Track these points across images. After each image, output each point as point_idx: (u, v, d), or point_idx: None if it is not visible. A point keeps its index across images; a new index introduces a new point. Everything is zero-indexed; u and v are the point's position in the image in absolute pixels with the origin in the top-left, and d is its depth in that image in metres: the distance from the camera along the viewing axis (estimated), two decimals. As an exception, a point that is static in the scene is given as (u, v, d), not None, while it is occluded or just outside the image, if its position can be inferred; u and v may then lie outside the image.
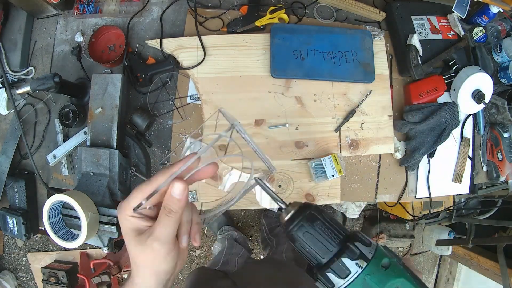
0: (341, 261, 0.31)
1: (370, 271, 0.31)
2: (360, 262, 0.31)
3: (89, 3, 0.88)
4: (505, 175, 0.93)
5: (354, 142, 0.86)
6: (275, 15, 0.87)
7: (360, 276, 0.31)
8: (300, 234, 0.33)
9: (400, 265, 0.32)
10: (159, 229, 0.33)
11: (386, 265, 0.31)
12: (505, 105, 0.88)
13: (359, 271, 0.31)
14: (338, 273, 0.31)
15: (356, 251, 0.32)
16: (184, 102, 0.86)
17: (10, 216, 0.83)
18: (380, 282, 0.31)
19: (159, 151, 0.85)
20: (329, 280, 0.32)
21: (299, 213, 0.33)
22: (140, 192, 0.34)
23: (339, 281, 0.31)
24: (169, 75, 0.86)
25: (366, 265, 0.31)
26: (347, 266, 0.31)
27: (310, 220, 0.33)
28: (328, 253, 0.32)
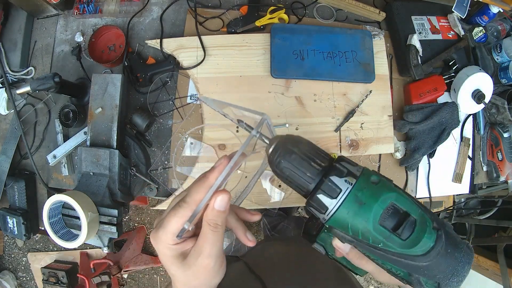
0: (329, 180, 0.30)
1: (361, 186, 0.30)
2: (349, 179, 0.30)
3: (89, 3, 0.88)
4: (505, 175, 0.93)
5: (354, 142, 0.86)
6: (275, 15, 0.87)
7: (351, 192, 0.30)
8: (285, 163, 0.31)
9: (391, 183, 0.31)
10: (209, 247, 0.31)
11: (376, 181, 0.30)
12: (505, 105, 0.88)
13: (349, 187, 0.30)
14: (328, 193, 0.30)
15: (343, 169, 0.30)
16: (184, 102, 0.86)
17: (10, 216, 0.83)
18: (373, 196, 0.29)
19: (159, 151, 0.85)
20: (321, 203, 0.30)
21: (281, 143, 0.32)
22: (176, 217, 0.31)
23: (332, 202, 0.30)
24: (169, 75, 0.86)
25: (356, 181, 0.30)
26: (336, 184, 0.30)
27: (293, 145, 0.31)
28: (315, 176, 0.31)
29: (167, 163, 0.85)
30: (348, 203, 0.29)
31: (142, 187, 0.83)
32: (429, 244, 0.29)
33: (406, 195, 0.30)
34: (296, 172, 0.31)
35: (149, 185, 0.83)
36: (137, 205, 1.85)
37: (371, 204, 0.29)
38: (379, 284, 1.98)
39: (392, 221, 0.29)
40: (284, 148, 0.32)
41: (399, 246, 0.29)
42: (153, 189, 0.84)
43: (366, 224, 0.29)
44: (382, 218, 0.29)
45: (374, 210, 0.29)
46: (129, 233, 1.81)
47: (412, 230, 0.29)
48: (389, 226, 0.29)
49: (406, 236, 0.29)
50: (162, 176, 0.85)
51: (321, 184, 0.30)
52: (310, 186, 0.31)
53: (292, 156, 0.31)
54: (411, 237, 0.29)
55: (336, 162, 0.31)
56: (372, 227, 0.29)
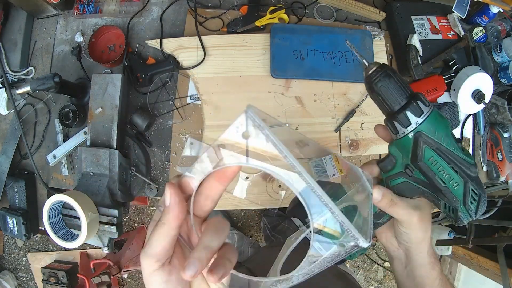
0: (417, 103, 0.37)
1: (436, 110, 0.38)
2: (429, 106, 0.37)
3: (89, 3, 0.88)
4: (505, 175, 0.93)
5: (354, 142, 0.86)
6: (275, 15, 0.87)
7: (434, 109, 0.37)
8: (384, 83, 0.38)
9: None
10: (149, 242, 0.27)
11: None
12: (505, 105, 0.88)
13: (431, 109, 0.37)
14: (414, 112, 0.37)
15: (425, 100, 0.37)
16: (184, 102, 0.86)
17: (10, 216, 0.83)
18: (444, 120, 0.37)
19: (159, 151, 0.85)
20: (406, 119, 0.37)
21: (382, 67, 0.38)
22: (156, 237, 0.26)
23: (415, 119, 0.37)
24: (169, 75, 0.86)
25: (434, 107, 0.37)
26: (420, 107, 0.37)
27: (392, 70, 0.38)
28: (405, 99, 0.38)
29: (167, 163, 0.85)
30: (435, 112, 0.37)
31: (142, 187, 0.83)
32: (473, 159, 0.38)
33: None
34: (391, 92, 0.38)
35: (149, 185, 0.83)
36: (137, 205, 1.85)
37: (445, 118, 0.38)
38: (379, 284, 1.98)
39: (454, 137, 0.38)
40: (385, 70, 0.38)
41: (462, 153, 0.37)
42: (153, 189, 0.84)
43: (446, 129, 0.37)
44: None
45: (448, 122, 0.38)
46: (129, 233, 1.81)
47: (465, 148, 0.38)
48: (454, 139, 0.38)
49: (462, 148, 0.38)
50: (162, 176, 0.85)
51: (409, 105, 0.37)
52: (397, 106, 0.38)
53: (390, 78, 0.38)
54: (466, 150, 0.38)
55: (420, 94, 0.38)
56: (449, 132, 0.37)
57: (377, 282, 1.98)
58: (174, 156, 0.84)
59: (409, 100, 0.38)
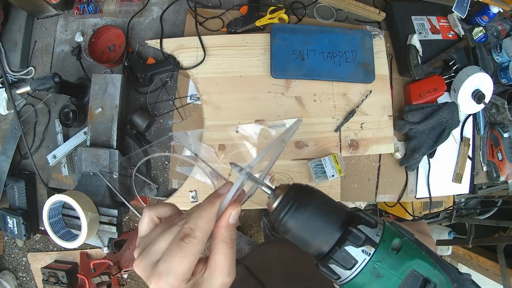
0: (344, 250, 0.27)
1: (380, 257, 0.27)
2: (367, 248, 0.27)
3: (89, 3, 0.88)
4: (505, 175, 0.93)
5: (354, 142, 0.86)
6: (275, 15, 0.87)
7: (368, 264, 0.26)
8: (292, 223, 0.28)
9: (414, 243, 0.28)
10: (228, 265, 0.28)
11: (398, 247, 0.27)
12: (505, 105, 0.88)
13: (366, 258, 0.27)
14: (342, 263, 0.27)
15: (361, 235, 0.27)
16: (184, 102, 0.86)
17: (10, 216, 0.83)
18: (393, 268, 0.26)
19: (159, 151, 0.85)
20: (334, 272, 0.28)
21: (289, 198, 0.28)
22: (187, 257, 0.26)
23: (345, 272, 0.27)
24: (169, 75, 0.86)
25: (374, 251, 0.27)
26: (351, 255, 0.27)
27: (302, 204, 0.28)
28: (328, 241, 0.28)
29: (167, 163, 0.85)
30: (364, 275, 0.27)
31: (142, 187, 0.83)
32: None
33: (428, 257, 0.28)
34: (307, 234, 0.28)
35: (149, 185, 0.83)
36: (137, 205, 1.85)
37: (389, 276, 0.26)
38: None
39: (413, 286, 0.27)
40: (294, 205, 0.28)
41: None
42: (153, 189, 0.84)
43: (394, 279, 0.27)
44: (401, 286, 0.27)
45: (392, 282, 0.27)
46: (129, 233, 1.81)
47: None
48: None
49: None
50: (162, 176, 0.85)
51: (334, 253, 0.27)
52: (322, 249, 0.28)
53: (303, 215, 0.27)
54: None
55: (353, 225, 0.28)
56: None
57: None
58: (173, 156, 0.84)
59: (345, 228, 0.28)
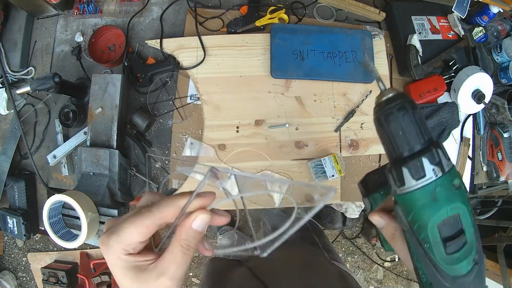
0: (420, 160, 0.28)
1: (443, 183, 0.28)
2: (437, 170, 0.28)
3: (89, 3, 0.88)
4: (505, 175, 0.93)
5: (354, 142, 0.86)
6: (275, 15, 0.87)
7: (432, 183, 0.28)
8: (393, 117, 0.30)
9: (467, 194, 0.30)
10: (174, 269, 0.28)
11: (457, 186, 0.29)
12: (505, 105, 0.88)
13: (433, 177, 0.28)
14: (413, 171, 0.29)
15: (437, 157, 0.29)
16: (184, 102, 0.86)
17: (10, 216, 0.83)
18: (448, 199, 0.28)
19: (159, 151, 0.85)
20: (401, 177, 0.29)
21: (402, 96, 0.31)
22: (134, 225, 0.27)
23: (411, 181, 0.29)
24: (169, 75, 0.86)
25: (442, 175, 0.28)
26: (424, 168, 0.28)
27: (411, 106, 0.30)
28: (412, 146, 0.30)
29: (167, 163, 0.85)
30: (424, 192, 0.29)
31: (142, 187, 0.83)
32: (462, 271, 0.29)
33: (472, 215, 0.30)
34: (402, 132, 0.30)
35: (149, 185, 0.83)
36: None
37: (442, 205, 0.28)
38: (379, 284, 1.98)
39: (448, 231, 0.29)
40: (403, 103, 0.30)
41: (440, 257, 0.29)
42: (153, 189, 0.84)
43: (427, 220, 0.29)
44: (442, 222, 0.29)
45: (441, 212, 0.28)
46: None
47: (457, 250, 0.29)
48: (444, 234, 0.29)
49: (450, 252, 0.29)
50: (162, 176, 0.85)
51: (411, 160, 0.29)
52: (403, 153, 0.30)
53: (406, 114, 0.30)
54: (453, 256, 0.29)
55: (434, 146, 0.29)
56: (430, 226, 0.29)
57: (377, 282, 1.98)
58: (174, 156, 0.84)
59: (427, 145, 0.30)
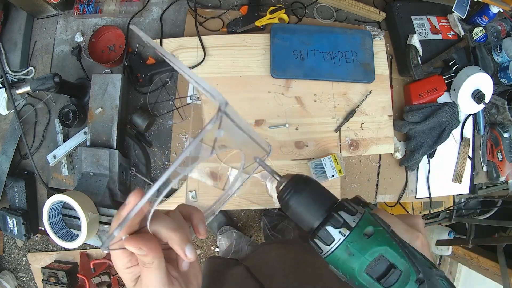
0: (325, 229, 0.34)
1: (352, 239, 0.33)
2: (343, 230, 0.33)
3: (89, 3, 0.88)
4: (505, 175, 0.93)
5: (354, 142, 0.86)
6: (275, 15, 0.87)
7: (343, 243, 0.33)
8: (292, 202, 0.36)
9: (387, 234, 0.34)
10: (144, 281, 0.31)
11: (369, 233, 0.33)
12: (505, 105, 0.88)
13: (342, 238, 0.33)
14: (324, 240, 0.34)
15: (340, 219, 0.34)
16: (184, 102, 0.86)
17: (10, 216, 0.83)
18: (362, 250, 0.33)
19: (159, 151, 0.85)
20: (317, 245, 0.35)
21: (290, 184, 0.36)
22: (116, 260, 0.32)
23: (325, 247, 0.34)
24: (169, 75, 0.86)
25: (349, 233, 0.33)
26: (330, 234, 0.33)
27: (300, 188, 0.36)
28: (316, 220, 0.35)
29: (167, 163, 0.85)
30: (340, 251, 0.33)
31: (142, 187, 0.83)
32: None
33: (400, 248, 0.33)
34: (302, 212, 0.36)
35: (149, 185, 0.83)
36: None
37: (359, 256, 0.33)
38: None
39: (378, 270, 0.33)
40: (294, 189, 0.36)
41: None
42: (153, 189, 0.84)
43: (353, 271, 0.33)
44: (369, 266, 0.33)
45: (361, 261, 0.33)
46: (129, 233, 1.81)
47: (395, 281, 0.32)
48: (377, 273, 0.33)
49: (388, 285, 0.32)
50: (162, 176, 0.85)
51: (318, 231, 0.34)
52: (313, 225, 0.35)
53: (300, 197, 0.35)
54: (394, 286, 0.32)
55: (335, 211, 0.34)
56: (357, 274, 0.33)
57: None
58: (174, 156, 0.84)
59: (329, 213, 0.35)
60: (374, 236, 0.33)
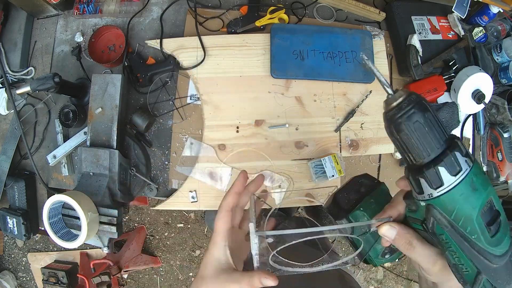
0: (454, 155, 0.28)
1: (476, 171, 0.28)
2: (468, 160, 0.28)
3: (89, 3, 0.88)
4: (505, 175, 0.93)
5: (354, 142, 0.86)
6: (275, 15, 0.87)
7: (469, 174, 0.28)
8: (410, 124, 0.28)
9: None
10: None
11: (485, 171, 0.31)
12: (505, 105, 0.88)
13: (468, 169, 0.28)
14: (450, 168, 0.28)
15: (463, 148, 0.28)
16: (184, 102, 0.86)
17: (10, 216, 0.83)
18: (484, 185, 0.28)
19: (159, 151, 0.85)
20: (438, 177, 0.28)
21: (409, 101, 0.29)
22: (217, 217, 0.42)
23: (450, 179, 0.28)
24: (169, 75, 0.86)
25: (473, 164, 0.28)
26: (459, 161, 0.28)
27: (422, 109, 0.29)
28: (435, 148, 0.29)
29: (167, 163, 0.85)
30: (465, 185, 0.28)
31: (142, 187, 0.83)
32: (505, 247, 0.29)
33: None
34: (421, 137, 0.28)
35: (149, 185, 0.83)
36: (137, 205, 1.85)
37: (482, 192, 0.28)
38: (379, 284, 1.98)
39: (488, 216, 0.29)
40: (416, 106, 0.28)
41: (487, 242, 0.28)
42: (153, 189, 0.84)
43: (472, 211, 0.28)
44: (483, 210, 0.28)
45: (482, 199, 0.28)
46: (129, 233, 1.81)
47: (498, 231, 0.29)
48: (485, 220, 0.28)
49: (493, 234, 0.28)
50: (162, 176, 0.85)
51: (445, 157, 0.28)
52: (429, 156, 0.29)
53: (423, 117, 0.28)
54: (497, 236, 0.28)
55: (457, 139, 0.29)
56: (475, 216, 0.28)
57: (377, 282, 1.98)
58: (174, 156, 0.84)
59: (444, 150, 0.28)
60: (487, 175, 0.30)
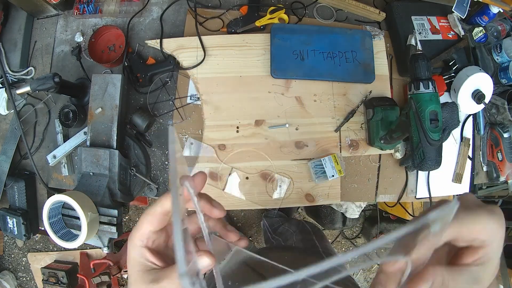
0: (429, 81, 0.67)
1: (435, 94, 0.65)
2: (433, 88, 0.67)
3: (89, 3, 0.88)
4: (505, 175, 0.93)
5: (354, 142, 0.86)
6: (275, 15, 0.87)
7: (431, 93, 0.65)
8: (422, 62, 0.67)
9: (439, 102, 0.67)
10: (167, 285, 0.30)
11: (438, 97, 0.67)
12: (505, 105, 0.88)
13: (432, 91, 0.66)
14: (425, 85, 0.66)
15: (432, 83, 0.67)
16: (184, 102, 0.86)
17: (10, 216, 0.83)
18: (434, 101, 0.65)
19: (159, 151, 0.85)
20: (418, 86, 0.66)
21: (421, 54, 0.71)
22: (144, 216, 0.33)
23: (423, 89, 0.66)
24: (169, 75, 0.86)
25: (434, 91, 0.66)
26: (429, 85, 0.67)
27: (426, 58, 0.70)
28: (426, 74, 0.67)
29: (167, 163, 0.85)
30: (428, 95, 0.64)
31: (142, 187, 0.83)
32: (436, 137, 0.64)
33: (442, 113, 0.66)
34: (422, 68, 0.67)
35: (149, 185, 0.83)
36: (137, 205, 1.85)
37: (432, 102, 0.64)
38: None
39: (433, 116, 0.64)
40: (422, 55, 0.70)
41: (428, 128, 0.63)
42: (153, 189, 0.84)
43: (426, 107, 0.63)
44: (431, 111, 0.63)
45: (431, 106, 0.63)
46: (129, 233, 1.81)
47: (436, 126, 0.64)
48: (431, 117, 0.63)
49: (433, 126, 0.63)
50: (162, 176, 0.85)
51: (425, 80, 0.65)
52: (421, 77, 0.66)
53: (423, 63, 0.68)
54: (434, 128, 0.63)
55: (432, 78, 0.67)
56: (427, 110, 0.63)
57: (377, 282, 1.98)
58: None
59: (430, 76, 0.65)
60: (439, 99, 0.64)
